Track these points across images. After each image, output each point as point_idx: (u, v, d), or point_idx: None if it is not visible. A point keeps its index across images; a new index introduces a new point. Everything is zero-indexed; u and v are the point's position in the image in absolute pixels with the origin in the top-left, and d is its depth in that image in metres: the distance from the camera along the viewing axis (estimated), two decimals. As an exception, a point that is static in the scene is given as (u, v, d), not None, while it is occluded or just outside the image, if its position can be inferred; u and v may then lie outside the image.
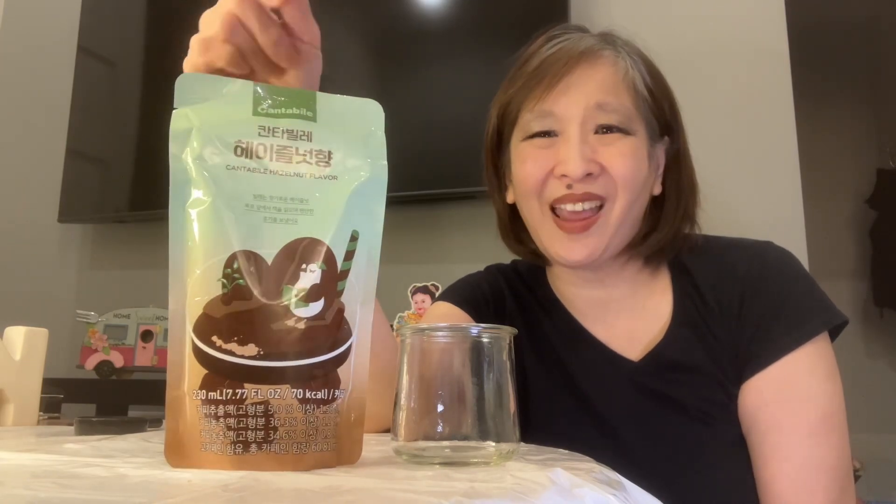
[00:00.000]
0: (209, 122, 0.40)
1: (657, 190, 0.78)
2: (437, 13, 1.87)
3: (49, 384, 0.79)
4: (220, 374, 0.38)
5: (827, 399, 0.68)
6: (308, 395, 0.39)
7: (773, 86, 1.66)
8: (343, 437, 0.40)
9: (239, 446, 0.37)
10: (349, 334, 0.41)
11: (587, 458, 0.49)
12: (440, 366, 0.44)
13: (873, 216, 3.17)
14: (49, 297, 2.14)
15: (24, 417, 0.72)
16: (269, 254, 0.39)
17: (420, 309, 1.61)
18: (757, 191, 1.60)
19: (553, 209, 0.73)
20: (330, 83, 0.53)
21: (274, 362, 0.38)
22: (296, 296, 0.39)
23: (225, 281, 0.38)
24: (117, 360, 1.72)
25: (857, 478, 2.28)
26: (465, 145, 1.82)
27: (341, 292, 0.40)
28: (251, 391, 0.38)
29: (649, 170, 0.75)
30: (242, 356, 0.38)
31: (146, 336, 1.74)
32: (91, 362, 1.71)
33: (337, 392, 0.40)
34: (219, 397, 0.37)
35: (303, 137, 0.42)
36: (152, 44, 2.15)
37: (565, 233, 0.72)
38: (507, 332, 0.45)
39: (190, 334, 0.38)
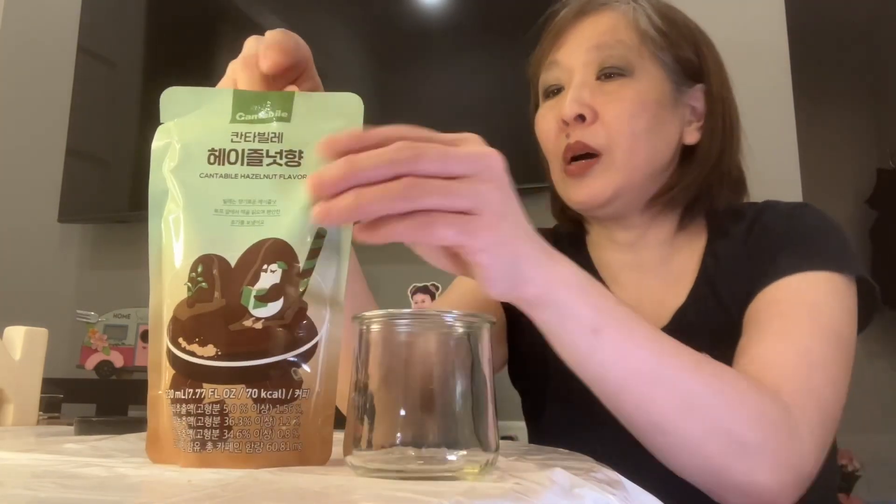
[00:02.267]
0: (187, 134, 0.42)
1: (689, 139, 0.75)
2: (437, 13, 1.87)
3: (49, 384, 0.79)
4: (183, 375, 0.39)
5: (837, 319, 0.63)
6: (263, 394, 0.39)
7: (773, 86, 1.66)
8: (308, 436, 0.40)
9: (198, 444, 0.38)
10: (314, 333, 0.40)
11: (587, 457, 0.49)
12: (404, 360, 0.37)
13: (873, 216, 3.17)
14: (49, 297, 2.14)
15: (24, 417, 0.72)
16: (234, 256, 0.40)
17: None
18: (757, 190, 1.60)
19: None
20: (330, 83, 0.52)
21: (229, 362, 0.39)
22: (255, 296, 0.39)
23: (190, 285, 0.40)
24: (117, 360, 1.72)
25: (857, 478, 2.28)
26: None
27: (304, 291, 0.40)
28: (208, 390, 0.38)
29: (669, 114, 0.73)
30: (202, 357, 0.39)
31: (146, 336, 1.74)
32: (91, 362, 1.71)
33: (298, 391, 0.39)
34: (182, 396, 0.39)
35: (273, 139, 0.42)
36: (152, 44, 2.15)
37: (569, 176, 0.73)
38: (484, 321, 0.38)
39: (165, 337, 0.40)
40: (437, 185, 0.39)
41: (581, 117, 0.71)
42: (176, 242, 0.41)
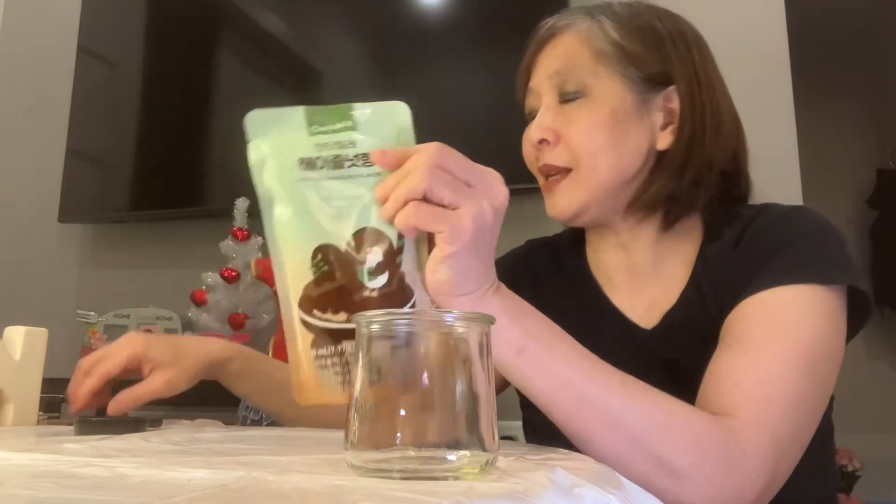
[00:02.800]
0: (277, 148, 0.51)
1: (662, 144, 0.75)
2: (437, 13, 1.87)
3: (49, 384, 0.79)
4: (323, 336, 0.51)
5: (811, 339, 0.62)
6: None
7: (773, 86, 1.66)
8: None
9: (347, 384, 0.50)
10: (412, 293, 0.52)
11: (587, 457, 0.49)
12: (403, 360, 0.38)
13: (873, 216, 3.17)
14: (49, 297, 2.14)
15: (24, 417, 0.72)
16: (341, 243, 0.51)
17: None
18: (756, 191, 1.59)
19: None
20: (331, 83, 0.54)
21: None
22: (367, 273, 0.50)
23: (314, 269, 0.51)
24: (117, 360, 1.71)
25: (856, 478, 2.28)
26: (465, 145, 1.82)
27: (400, 264, 0.51)
28: (347, 346, 0.51)
29: (633, 127, 0.74)
30: (338, 321, 0.51)
31: (146, 336, 1.74)
32: (91, 362, 1.71)
33: None
34: (325, 353, 0.51)
35: (349, 146, 0.51)
36: (152, 44, 2.15)
37: (545, 191, 0.78)
38: (483, 320, 0.39)
39: (297, 311, 0.51)
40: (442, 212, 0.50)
41: (545, 141, 0.75)
42: (292, 237, 0.51)
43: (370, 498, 0.30)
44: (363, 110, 0.51)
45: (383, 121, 0.51)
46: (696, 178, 0.75)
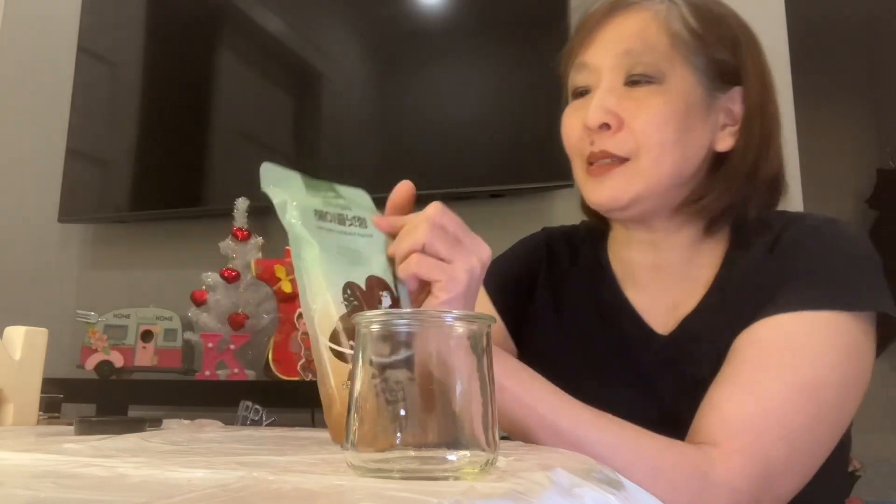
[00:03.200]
0: (295, 197, 0.55)
1: (722, 146, 0.72)
2: (437, 13, 1.87)
3: (49, 384, 0.79)
4: None
5: (824, 369, 0.61)
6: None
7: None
8: None
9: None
10: None
11: (587, 457, 0.49)
12: (403, 360, 0.38)
13: (873, 216, 3.17)
14: (49, 297, 2.14)
15: (24, 417, 0.72)
16: (360, 284, 0.54)
17: (420, 309, 1.61)
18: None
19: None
20: (331, 83, 0.54)
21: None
22: None
23: (346, 303, 0.53)
24: (117, 360, 1.71)
25: (857, 478, 2.28)
26: (465, 145, 1.83)
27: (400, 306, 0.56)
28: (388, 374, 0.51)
29: (700, 122, 0.70)
30: None
31: (146, 336, 1.74)
32: (91, 362, 1.71)
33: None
34: None
35: (346, 209, 0.57)
36: (152, 44, 2.15)
37: (592, 177, 0.72)
38: (484, 321, 0.39)
39: (327, 345, 0.51)
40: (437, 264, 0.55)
41: (606, 125, 0.69)
42: (321, 273, 0.53)
43: (370, 498, 0.30)
44: (342, 187, 0.60)
45: (359, 199, 0.60)
46: (754, 188, 0.73)
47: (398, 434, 0.36)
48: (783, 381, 0.61)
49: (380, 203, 0.72)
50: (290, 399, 1.53)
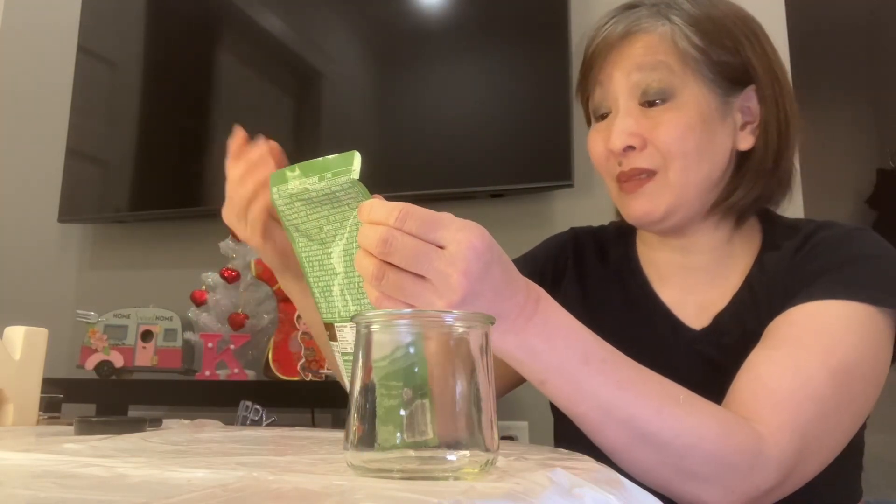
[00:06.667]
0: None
1: (743, 145, 0.75)
2: (437, 13, 1.87)
3: (49, 384, 0.79)
4: None
5: (854, 355, 0.63)
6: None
7: (773, 86, 1.65)
8: None
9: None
10: None
11: (587, 457, 0.49)
12: (403, 360, 0.38)
13: (873, 216, 3.17)
14: (49, 297, 2.14)
15: (24, 417, 0.72)
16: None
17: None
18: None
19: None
20: (331, 83, 0.53)
21: None
22: None
23: None
24: (117, 360, 1.71)
25: (857, 478, 2.28)
26: (465, 145, 1.82)
27: None
28: None
29: (718, 128, 0.73)
30: None
31: (146, 336, 1.74)
32: (91, 362, 1.71)
33: None
34: None
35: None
36: (152, 44, 2.15)
37: (626, 193, 0.75)
38: (484, 321, 0.39)
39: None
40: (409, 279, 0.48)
41: (630, 147, 0.73)
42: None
43: (370, 498, 0.30)
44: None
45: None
46: (778, 181, 0.77)
47: (398, 434, 0.36)
48: (820, 362, 0.62)
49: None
50: (290, 399, 1.53)
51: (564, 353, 0.55)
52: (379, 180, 0.75)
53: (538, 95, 1.72)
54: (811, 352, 0.63)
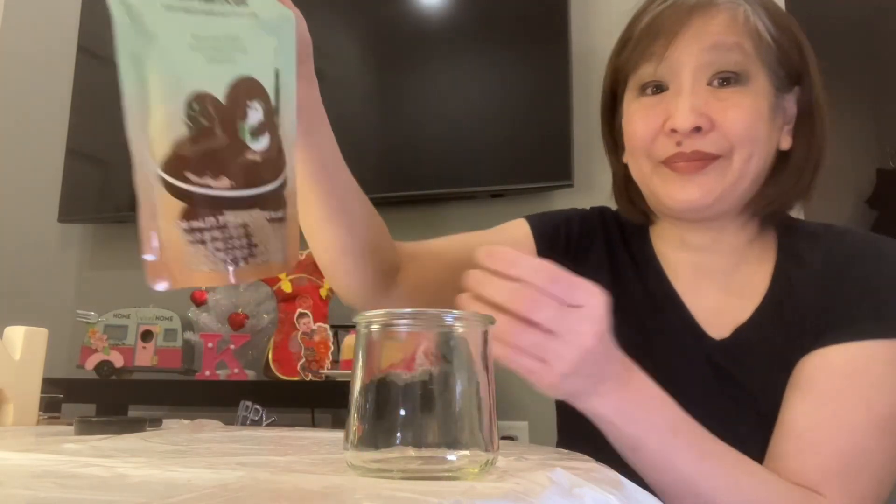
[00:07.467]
0: None
1: (785, 144, 0.74)
2: (437, 13, 1.87)
3: (49, 384, 0.79)
4: (200, 206, 0.42)
5: None
6: (273, 214, 0.45)
7: (773, 86, 1.66)
8: (291, 243, 0.48)
9: (229, 263, 0.43)
10: (284, 163, 0.47)
11: (587, 457, 0.49)
12: (403, 361, 0.37)
13: (873, 216, 3.17)
14: (49, 297, 2.14)
15: (24, 417, 0.72)
16: (220, 93, 0.42)
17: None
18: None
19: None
20: (331, 83, 0.53)
21: (247, 191, 0.44)
22: (249, 132, 0.44)
23: (189, 122, 0.41)
24: (117, 360, 1.71)
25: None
26: (465, 145, 1.82)
27: (277, 126, 0.46)
28: (232, 217, 0.43)
29: (773, 123, 0.71)
30: (219, 188, 0.42)
31: (146, 336, 1.74)
32: (91, 362, 1.71)
33: (286, 209, 0.47)
34: (203, 225, 0.42)
35: None
36: (152, 44, 2.15)
37: (679, 174, 0.70)
38: (484, 321, 0.39)
39: (159, 172, 0.40)
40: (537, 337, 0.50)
41: (698, 128, 0.68)
42: (160, 78, 0.41)
43: (370, 498, 0.30)
44: None
45: None
46: (816, 180, 0.76)
47: (398, 434, 0.36)
48: (864, 416, 0.62)
49: (378, 203, 0.72)
50: (290, 399, 1.53)
51: (656, 422, 0.57)
52: (379, 180, 0.74)
53: (538, 95, 1.72)
54: (854, 404, 0.62)
